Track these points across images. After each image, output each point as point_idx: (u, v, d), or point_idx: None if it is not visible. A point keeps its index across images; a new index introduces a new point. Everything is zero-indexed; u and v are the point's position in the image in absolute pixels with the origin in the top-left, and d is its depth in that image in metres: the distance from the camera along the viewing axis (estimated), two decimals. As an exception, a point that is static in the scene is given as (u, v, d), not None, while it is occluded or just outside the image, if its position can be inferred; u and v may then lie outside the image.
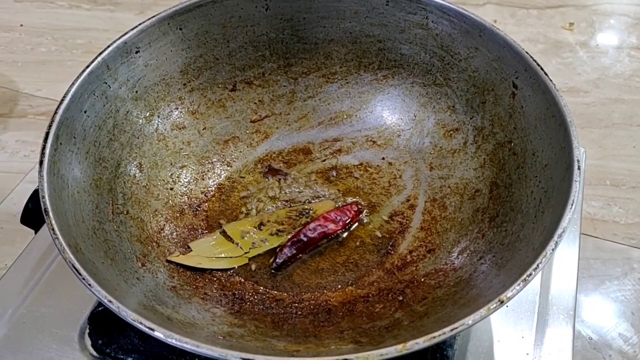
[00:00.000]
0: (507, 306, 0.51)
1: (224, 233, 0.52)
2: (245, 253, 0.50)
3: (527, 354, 0.48)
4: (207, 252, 0.50)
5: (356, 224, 0.53)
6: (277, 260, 0.50)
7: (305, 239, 0.50)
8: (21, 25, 1.17)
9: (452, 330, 0.34)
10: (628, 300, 0.78)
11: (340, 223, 0.52)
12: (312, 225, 0.51)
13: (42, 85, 1.06)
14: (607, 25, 1.20)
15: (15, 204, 0.89)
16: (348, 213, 0.52)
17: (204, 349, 0.33)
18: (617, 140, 0.96)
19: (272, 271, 0.50)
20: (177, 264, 0.48)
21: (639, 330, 0.75)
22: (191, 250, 0.50)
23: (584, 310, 0.78)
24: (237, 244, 0.51)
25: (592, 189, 0.88)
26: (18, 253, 0.54)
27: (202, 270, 0.49)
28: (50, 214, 0.39)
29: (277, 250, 0.50)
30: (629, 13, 1.22)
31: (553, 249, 0.38)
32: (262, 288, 0.49)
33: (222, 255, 0.50)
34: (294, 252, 0.50)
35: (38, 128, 0.99)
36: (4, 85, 1.05)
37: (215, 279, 0.49)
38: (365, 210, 0.54)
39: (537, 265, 0.37)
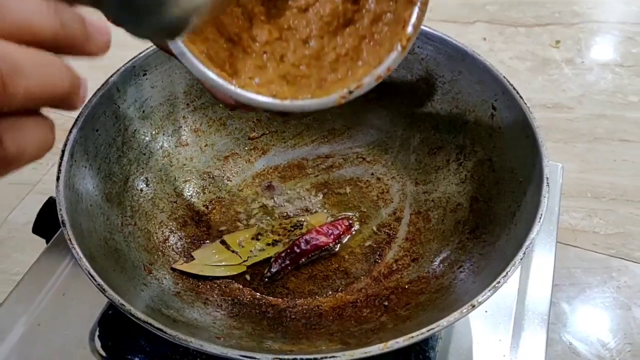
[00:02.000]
0: (485, 311, 0.55)
1: (224, 243, 0.56)
2: (244, 261, 0.54)
3: (504, 355, 0.52)
4: (209, 261, 0.54)
5: (347, 237, 0.57)
6: (271, 270, 0.53)
7: (298, 251, 0.54)
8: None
9: (428, 330, 0.38)
10: (607, 307, 0.82)
11: (332, 236, 0.55)
12: (305, 237, 0.54)
13: (48, 99, 1.10)
14: (593, 43, 1.24)
15: (24, 214, 0.92)
16: (339, 227, 0.56)
17: (207, 347, 0.37)
18: (599, 154, 1.00)
19: (266, 280, 0.53)
20: (181, 272, 0.52)
21: (617, 335, 0.79)
22: (194, 259, 0.54)
23: (565, 316, 0.82)
24: (236, 252, 0.55)
25: (573, 201, 0.92)
26: (27, 260, 0.57)
27: (204, 278, 0.52)
28: (67, 225, 0.43)
29: (272, 260, 0.54)
30: (614, 32, 1.26)
31: (521, 259, 0.42)
32: (258, 294, 0.52)
33: (223, 263, 0.54)
34: (287, 262, 0.53)
35: (45, 141, 1.03)
36: (13, 99, 1.09)
37: (215, 285, 0.52)
38: (355, 223, 0.58)
39: (506, 273, 0.41)
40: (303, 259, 0.54)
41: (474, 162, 0.56)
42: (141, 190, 0.55)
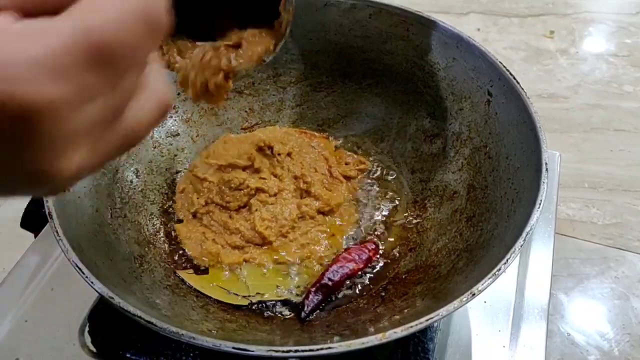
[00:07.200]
0: (485, 302, 0.54)
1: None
2: (250, 296, 0.50)
3: (504, 346, 0.51)
4: (217, 281, 0.50)
5: (379, 262, 0.53)
6: (306, 309, 0.48)
7: (330, 284, 0.49)
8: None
9: (427, 320, 0.37)
10: (605, 297, 0.81)
11: (361, 261, 0.51)
12: (333, 267, 0.50)
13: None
14: (587, 33, 1.24)
15: (13, 210, 0.90)
16: (367, 250, 0.52)
17: (199, 340, 0.36)
18: (595, 144, 1.00)
19: (303, 320, 0.48)
20: (174, 264, 0.51)
21: (615, 325, 0.78)
22: (207, 274, 0.50)
23: (563, 307, 0.81)
24: (247, 286, 0.50)
25: (571, 192, 0.92)
26: (14, 257, 0.55)
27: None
28: (54, 217, 0.41)
29: (303, 297, 0.49)
30: (608, 21, 1.26)
31: (521, 245, 0.41)
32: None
33: (228, 290, 0.50)
34: (321, 297, 0.49)
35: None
36: None
37: (208, 278, 0.51)
38: (380, 243, 0.54)
39: (507, 261, 0.40)
40: (336, 291, 0.50)
41: (470, 149, 0.55)
42: (131, 181, 0.54)
